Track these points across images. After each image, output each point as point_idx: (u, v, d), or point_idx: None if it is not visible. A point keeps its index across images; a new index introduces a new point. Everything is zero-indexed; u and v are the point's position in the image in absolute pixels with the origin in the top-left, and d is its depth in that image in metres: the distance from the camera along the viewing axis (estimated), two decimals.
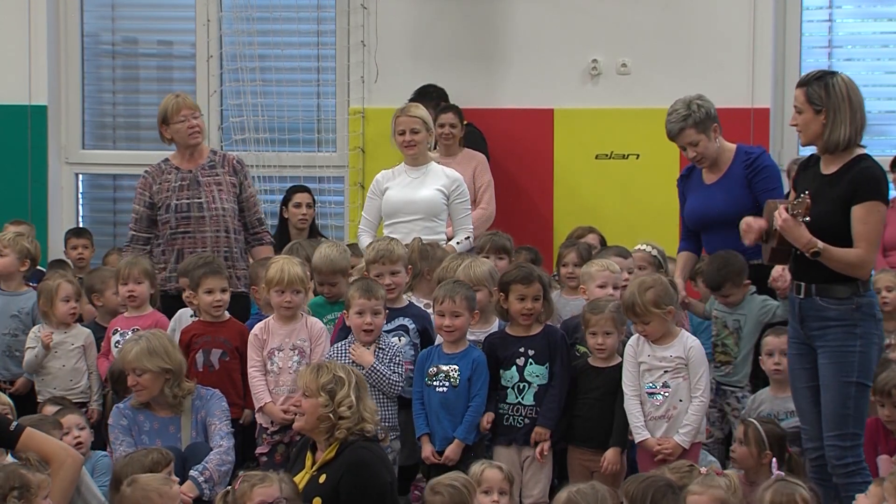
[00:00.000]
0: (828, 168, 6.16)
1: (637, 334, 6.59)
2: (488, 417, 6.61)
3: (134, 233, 8.01)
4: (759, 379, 7.23)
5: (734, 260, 7.29)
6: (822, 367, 6.12)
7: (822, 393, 6.12)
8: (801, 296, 6.18)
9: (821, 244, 6.02)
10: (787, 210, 6.02)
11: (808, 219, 5.97)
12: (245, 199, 8.03)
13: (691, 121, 7.41)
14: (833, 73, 6.15)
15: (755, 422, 6.41)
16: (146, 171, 8.13)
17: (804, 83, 6.17)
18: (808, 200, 5.97)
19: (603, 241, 8.57)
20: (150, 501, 5.42)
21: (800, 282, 6.20)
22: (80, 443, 6.53)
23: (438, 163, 8.23)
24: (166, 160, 8.16)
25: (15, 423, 5.85)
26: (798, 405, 6.36)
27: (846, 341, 6.04)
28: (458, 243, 7.94)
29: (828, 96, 6.05)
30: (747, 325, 7.28)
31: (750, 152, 7.55)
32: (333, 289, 7.34)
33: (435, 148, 9.05)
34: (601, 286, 7.02)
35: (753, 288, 7.35)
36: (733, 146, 7.60)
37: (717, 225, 7.38)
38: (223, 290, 7.18)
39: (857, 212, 6.02)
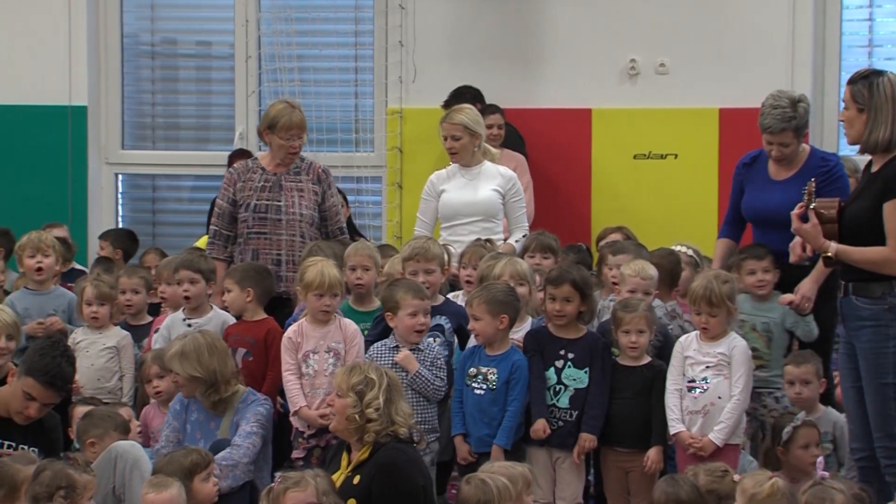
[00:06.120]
0: (875, 166, 6.13)
1: (687, 334, 6.60)
2: (544, 428, 6.50)
3: (216, 228, 7.96)
4: None
5: None
6: (861, 368, 6.09)
7: (864, 395, 6.09)
8: (843, 295, 6.17)
9: (833, 248, 6.02)
10: (805, 206, 6.06)
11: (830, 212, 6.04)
12: (327, 208, 7.95)
13: (794, 124, 7.13)
14: (881, 73, 6.07)
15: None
16: (233, 167, 8.14)
17: (851, 81, 6.12)
18: (813, 187, 6.08)
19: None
20: None
21: (843, 281, 6.18)
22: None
23: (495, 162, 8.21)
24: (255, 159, 8.20)
25: None
26: (845, 405, 6.33)
27: (878, 342, 6.00)
28: (516, 241, 7.94)
29: (871, 96, 6.00)
30: (777, 327, 7.18)
31: (827, 159, 7.30)
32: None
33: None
34: (631, 291, 6.90)
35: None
36: (807, 147, 7.37)
37: (776, 223, 6.94)
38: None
39: (887, 209, 5.97)
